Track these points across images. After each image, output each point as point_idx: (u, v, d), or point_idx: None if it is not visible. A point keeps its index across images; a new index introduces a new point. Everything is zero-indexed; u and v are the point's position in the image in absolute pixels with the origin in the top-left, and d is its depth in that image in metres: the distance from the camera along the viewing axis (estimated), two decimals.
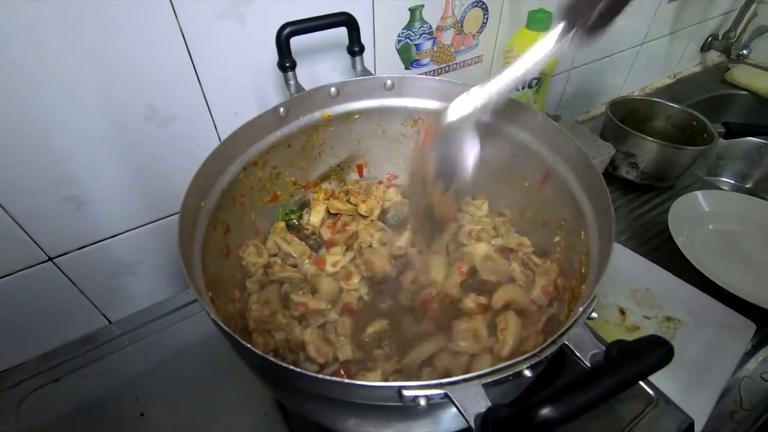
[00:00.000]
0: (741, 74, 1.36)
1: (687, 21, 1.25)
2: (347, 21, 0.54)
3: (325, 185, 0.66)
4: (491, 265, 0.57)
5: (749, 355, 0.70)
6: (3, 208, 0.54)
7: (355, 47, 0.56)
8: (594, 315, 0.33)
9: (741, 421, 0.62)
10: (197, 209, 0.46)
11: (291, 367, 0.31)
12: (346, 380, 0.31)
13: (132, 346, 0.69)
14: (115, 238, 0.65)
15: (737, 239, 0.88)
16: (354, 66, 0.58)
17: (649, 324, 0.74)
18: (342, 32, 0.57)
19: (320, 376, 0.31)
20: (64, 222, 0.60)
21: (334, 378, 0.31)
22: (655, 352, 0.23)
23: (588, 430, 0.55)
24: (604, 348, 0.31)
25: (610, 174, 1.01)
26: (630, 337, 0.73)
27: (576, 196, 0.47)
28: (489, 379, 0.30)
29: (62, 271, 0.63)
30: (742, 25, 1.33)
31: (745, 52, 1.33)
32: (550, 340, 0.32)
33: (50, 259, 0.61)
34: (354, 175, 0.69)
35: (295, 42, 0.53)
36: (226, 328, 0.34)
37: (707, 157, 1.24)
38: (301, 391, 0.36)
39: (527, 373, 0.31)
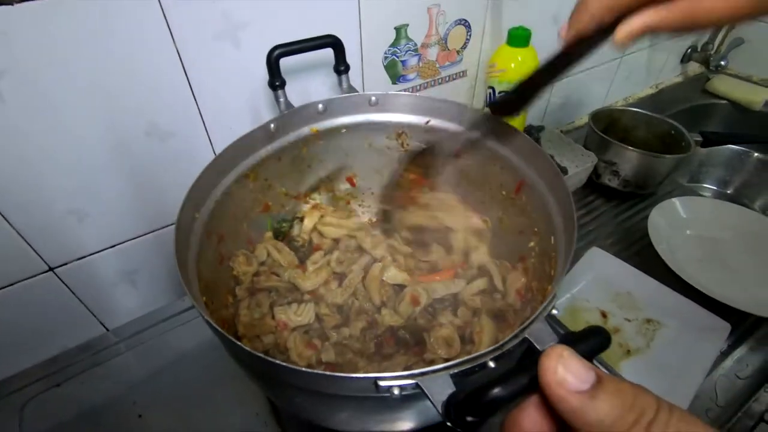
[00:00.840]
0: (721, 84, 1.41)
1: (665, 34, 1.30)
2: (333, 43, 0.57)
3: (315, 195, 0.70)
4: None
5: (725, 354, 0.73)
6: (6, 221, 0.56)
7: (341, 67, 0.60)
8: (554, 311, 0.36)
9: (716, 418, 0.65)
10: (192, 220, 0.49)
11: (276, 361, 0.34)
12: (327, 372, 0.33)
13: (129, 353, 0.71)
14: (113, 248, 0.68)
15: (714, 244, 0.92)
16: (340, 84, 0.62)
17: (629, 326, 0.77)
18: (331, 51, 0.60)
19: (304, 369, 0.34)
20: (65, 233, 0.62)
21: (316, 371, 0.34)
22: (594, 338, 0.26)
23: None
24: (557, 340, 0.34)
25: (594, 182, 1.05)
26: (612, 339, 0.76)
27: (547, 204, 0.50)
28: (455, 370, 0.33)
29: (62, 281, 0.66)
30: (719, 37, 1.38)
31: (722, 63, 1.38)
32: (512, 334, 0.35)
33: (51, 269, 0.64)
34: (343, 186, 0.72)
35: (289, 61, 0.57)
36: (218, 328, 0.37)
37: (690, 164, 1.28)
38: (289, 386, 0.39)
39: (491, 364, 0.34)
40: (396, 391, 0.33)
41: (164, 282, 0.77)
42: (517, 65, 0.86)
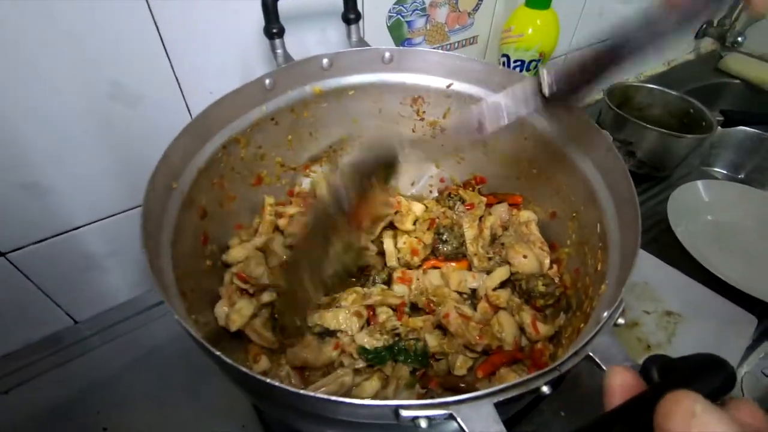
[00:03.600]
0: (734, 62, 1.35)
1: None
2: None
3: (315, 168, 0.60)
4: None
5: (750, 349, 0.68)
6: None
7: (351, 14, 0.51)
8: (621, 321, 0.29)
9: None
10: (168, 190, 0.41)
11: (280, 385, 0.26)
12: (338, 398, 0.26)
13: (102, 348, 0.62)
14: (81, 229, 0.59)
15: (736, 230, 0.86)
16: (349, 35, 0.52)
17: (648, 319, 0.72)
18: (330, 2, 0.51)
19: (309, 393, 0.26)
20: (21, 212, 0.53)
21: (324, 396, 0.26)
22: (712, 377, 0.19)
23: None
24: (634, 361, 0.27)
25: None
26: (630, 333, 0.71)
27: (591, 184, 0.42)
28: (501, 397, 0.26)
29: (17, 268, 0.56)
30: (736, 12, 1.31)
31: (740, 39, 1.31)
32: (571, 351, 0.27)
33: (2, 254, 0.54)
34: (348, 158, 0.63)
35: (283, 6, 0.47)
36: (200, 339, 0.29)
37: (701, 146, 1.22)
38: (290, 408, 0.31)
39: (545, 389, 0.27)
40: (423, 424, 0.26)
41: (141, 268, 0.68)
42: (536, 30, 0.78)
